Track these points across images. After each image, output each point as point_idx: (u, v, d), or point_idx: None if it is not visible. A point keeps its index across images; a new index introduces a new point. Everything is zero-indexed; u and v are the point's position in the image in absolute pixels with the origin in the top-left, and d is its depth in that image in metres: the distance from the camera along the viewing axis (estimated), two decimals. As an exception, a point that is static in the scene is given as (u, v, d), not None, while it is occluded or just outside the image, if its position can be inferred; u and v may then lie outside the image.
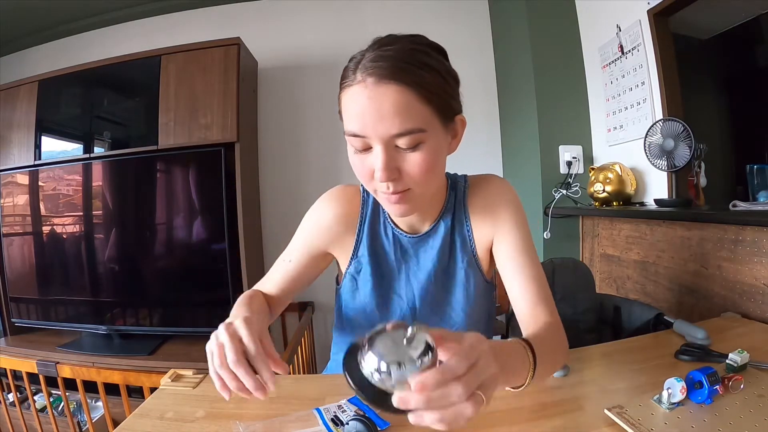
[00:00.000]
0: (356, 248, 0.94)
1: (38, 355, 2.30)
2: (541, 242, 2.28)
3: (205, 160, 2.38)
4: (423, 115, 0.68)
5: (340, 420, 0.65)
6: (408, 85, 0.66)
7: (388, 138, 0.67)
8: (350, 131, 0.70)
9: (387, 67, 0.65)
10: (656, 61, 1.87)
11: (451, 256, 0.93)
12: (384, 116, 0.66)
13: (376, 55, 0.67)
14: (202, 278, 2.46)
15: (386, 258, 0.94)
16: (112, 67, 2.49)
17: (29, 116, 2.60)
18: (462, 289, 0.93)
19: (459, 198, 0.93)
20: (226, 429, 0.73)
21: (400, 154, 0.70)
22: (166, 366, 0.98)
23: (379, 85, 0.65)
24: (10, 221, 2.71)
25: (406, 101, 0.66)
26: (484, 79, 2.88)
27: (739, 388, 0.75)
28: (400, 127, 0.66)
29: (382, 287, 0.94)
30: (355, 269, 0.94)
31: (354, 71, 0.69)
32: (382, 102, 0.65)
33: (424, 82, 0.67)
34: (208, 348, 0.64)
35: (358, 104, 0.67)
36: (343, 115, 0.72)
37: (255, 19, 2.93)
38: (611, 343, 1.07)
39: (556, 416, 0.72)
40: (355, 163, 0.74)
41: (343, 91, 0.71)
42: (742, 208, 1.34)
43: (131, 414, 0.80)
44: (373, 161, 0.70)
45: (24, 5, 2.73)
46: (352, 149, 0.73)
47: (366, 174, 0.73)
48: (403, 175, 0.71)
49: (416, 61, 0.67)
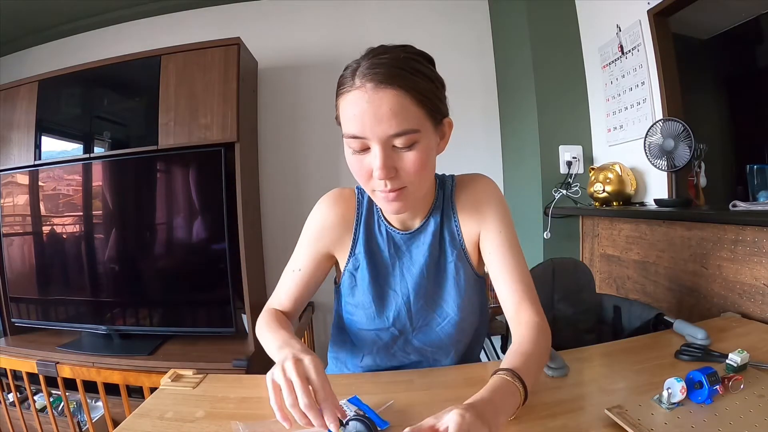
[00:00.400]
0: (353, 246, 0.98)
1: (38, 355, 2.30)
2: (541, 242, 2.28)
3: (205, 160, 2.38)
4: (417, 116, 0.74)
5: (340, 420, 0.65)
6: (403, 89, 0.72)
7: (386, 138, 0.73)
8: (350, 133, 0.75)
9: (384, 73, 0.72)
10: (656, 61, 1.87)
11: (441, 251, 0.97)
12: (382, 118, 0.72)
13: (372, 62, 0.73)
14: (202, 278, 2.46)
15: (381, 255, 0.98)
16: (112, 67, 2.49)
17: (29, 116, 2.60)
18: (453, 283, 0.97)
19: (447, 195, 0.98)
20: (225, 429, 0.73)
21: (397, 154, 0.76)
22: (166, 366, 0.98)
23: (377, 90, 0.71)
24: (10, 221, 2.71)
25: (401, 104, 0.72)
26: (484, 79, 2.88)
27: (739, 388, 0.76)
28: (397, 128, 0.72)
29: (378, 283, 0.98)
30: (353, 266, 0.98)
31: (352, 78, 0.74)
32: (380, 105, 0.71)
33: (418, 86, 0.74)
34: (275, 380, 0.67)
35: (358, 108, 0.73)
36: (342, 119, 0.78)
37: (255, 19, 2.93)
38: (611, 343, 1.07)
39: (556, 416, 0.72)
40: (353, 164, 0.80)
41: (341, 96, 0.77)
42: (742, 208, 1.34)
43: (131, 414, 0.80)
44: (371, 161, 0.76)
45: (24, 5, 2.73)
46: (350, 150, 0.78)
47: (364, 174, 0.79)
48: (400, 173, 0.77)
49: (409, 68, 0.74)
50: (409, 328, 0.99)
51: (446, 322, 0.97)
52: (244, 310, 2.38)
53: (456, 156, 2.86)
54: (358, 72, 0.73)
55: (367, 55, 0.76)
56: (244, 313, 2.38)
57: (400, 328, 0.99)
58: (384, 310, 0.98)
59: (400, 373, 0.95)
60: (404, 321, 0.98)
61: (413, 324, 0.98)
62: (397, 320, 0.98)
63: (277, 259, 2.80)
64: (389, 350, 1.01)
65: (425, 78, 0.76)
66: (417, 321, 0.98)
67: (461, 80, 2.85)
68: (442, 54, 3.08)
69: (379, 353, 1.02)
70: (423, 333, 0.99)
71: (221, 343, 2.36)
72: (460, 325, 0.98)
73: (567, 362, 0.89)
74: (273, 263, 2.81)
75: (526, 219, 2.46)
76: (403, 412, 0.76)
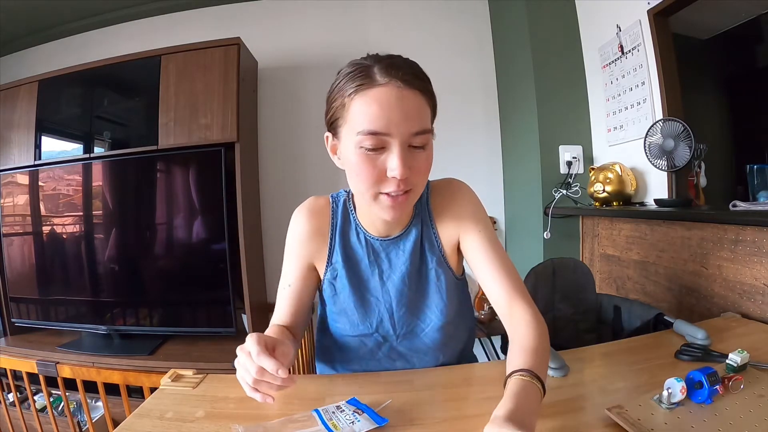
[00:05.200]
0: (330, 255, 0.98)
1: (38, 355, 2.30)
2: (541, 242, 2.28)
3: (205, 160, 2.38)
4: (429, 119, 0.80)
5: (339, 420, 0.66)
6: (424, 93, 0.77)
7: (408, 136, 0.75)
8: (370, 130, 0.74)
9: (412, 74, 0.76)
10: (656, 61, 1.87)
11: (422, 259, 0.98)
12: (408, 116, 0.74)
13: (394, 63, 0.76)
14: (202, 278, 2.46)
15: (359, 262, 0.98)
16: (112, 67, 2.49)
17: (29, 116, 2.60)
18: (435, 289, 0.97)
19: (423, 202, 0.98)
20: (225, 429, 0.73)
21: (411, 154, 0.77)
22: (166, 366, 0.97)
23: (406, 88, 0.74)
24: (10, 221, 2.71)
25: (422, 105, 0.77)
26: (484, 79, 2.88)
27: (739, 388, 0.76)
28: (418, 127, 0.76)
29: (360, 290, 0.98)
30: (332, 275, 0.98)
31: (371, 75, 0.75)
32: (408, 103, 0.74)
33: (431, 93, 0.80)
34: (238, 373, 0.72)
35: (385, 103, 0.73)
36: (356, 117, 0.76)
37: (255, 19, 2.93)
38: (611, 343, 1.07)
39: (556, 416, 0.72)
40: (362, 165, 0.77)
41: (359, 93, 0.75)
42: (741, 208, 1.34)
43: (131, 414, 0.80)
44: (385, 160, 0.76)
45: (24, 5, 2.74)
46: (360, 151, 0.76)
47: (375, 174, 0.77)
48: (410, 174, 0.78)
49: (424, 75, 0.79)
50: (392, 335, 0.99)
51: (430, 327, 0.98)
52: (244, 310, 2.38)
53: (457, 155, 2.88)
54: (379, 70, 0.75)
55: (378, 58, 0.77)
56: (244, 313, 2.38)
57: (384, 334, 0.99)
58: (367, 317, 0.98)
59: (399, 373, 0.95)
60: (387, 327, 0.98)
61: (396, 331, 0.98)
62: (381, 326, 0.98)
63: (276, 259, 2.78)
64: (374, 356, 1.01)
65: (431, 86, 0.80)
66: (400, 328, 0.98)
67: (461, 80, 2.86)
68: (442, 54, 3.09)
69: (365, 359, 1.02)
70: (407, 339, 0.99)
71: (221, 343, 2.36)
72: (446, 329, 0.98)
73: (567, 362, 0.89)
74: (273, 263, 2.80)
75: (526, 219, 2.47)
76: (401, 411, 0.76)
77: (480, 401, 0.80)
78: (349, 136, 0.77)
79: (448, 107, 2.80)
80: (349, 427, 0.69)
